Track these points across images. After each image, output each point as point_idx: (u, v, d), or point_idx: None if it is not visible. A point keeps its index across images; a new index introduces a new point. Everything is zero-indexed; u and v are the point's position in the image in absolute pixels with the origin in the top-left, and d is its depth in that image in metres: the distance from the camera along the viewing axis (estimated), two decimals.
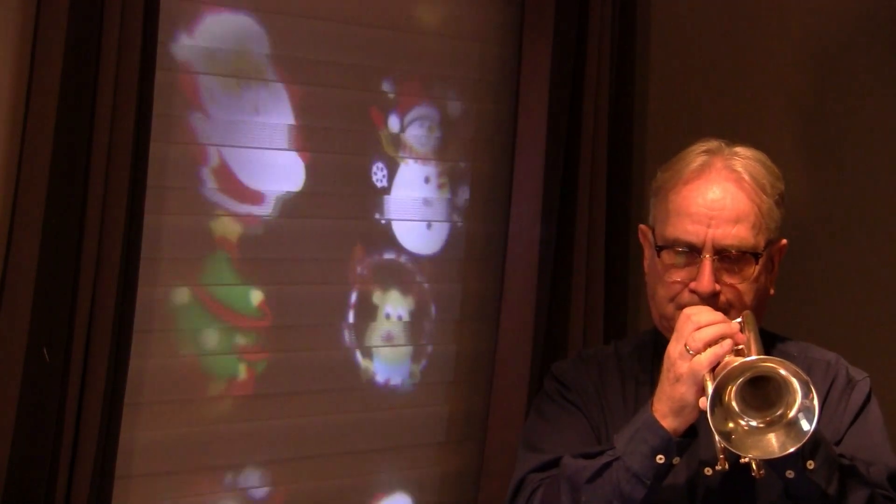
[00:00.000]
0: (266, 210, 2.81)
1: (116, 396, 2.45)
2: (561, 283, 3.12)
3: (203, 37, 2.69)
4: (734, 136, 2.16)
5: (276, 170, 2.83)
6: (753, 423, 1.86)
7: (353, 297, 2.97)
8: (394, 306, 3.04)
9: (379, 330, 3.01)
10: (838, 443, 2.05)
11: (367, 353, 2.99)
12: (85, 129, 2.37)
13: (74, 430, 2.39)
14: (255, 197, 2.80)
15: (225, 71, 2.74)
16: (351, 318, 2.97)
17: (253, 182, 2.79)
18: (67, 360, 2.37)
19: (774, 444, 1.85)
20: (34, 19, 2.33)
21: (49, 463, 2.36)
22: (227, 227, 2.77)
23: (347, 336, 2.96)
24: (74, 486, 2.39)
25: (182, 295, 2.71)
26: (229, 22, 2.73)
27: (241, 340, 2.80)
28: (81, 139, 2.36)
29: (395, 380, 3.04)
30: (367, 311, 2.99)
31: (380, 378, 3.02)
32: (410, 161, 3.05)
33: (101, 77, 2.38)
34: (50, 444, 2.35)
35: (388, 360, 3.03)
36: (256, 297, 2.83)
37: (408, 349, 3.06)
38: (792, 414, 1.85)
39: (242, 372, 2.81)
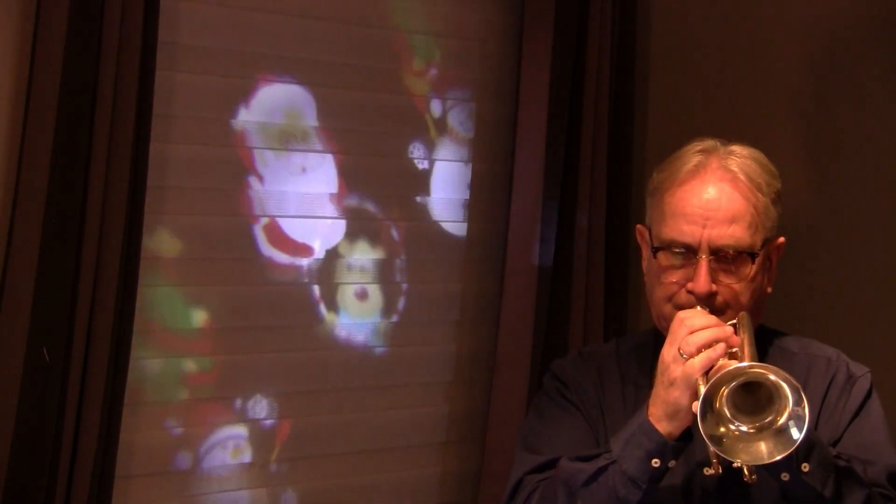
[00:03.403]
0: None
1: (116, 396, 2.45)
2: (561, 284, 3.12)
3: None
4: (734, 135, 2.15)
5: None
6: (744, 429, 1.85)
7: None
8: (394, 306, 3.04)
9: (379, 330, 3.02)
10: (838, 440, 2.04)
11: (367, 354, 2.99)
12: (85, 128, 2.37)
13: (74, 430, 2.39)
14: None
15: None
16: (350, 317, 2.97)
17: None
18: (67, 360, 2.37)
19: (763, 450, 1.83)
20: (34, 19, 2.33)
21: (49, 463, 2.36)
22: None
23: (347, 336, 2.96)
24: (74, 486, 2.40)
25: (182, 295, 2.71)
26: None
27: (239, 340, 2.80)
28: (81, 139, 2.37)
29: (396, 380, 3.04)
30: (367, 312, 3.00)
31: (379, 378, 3.01)
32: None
33: (101, 77, 2.38)
34: (50, 444, 2.36)
35: (387, 360, 3.02)
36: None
37: (408, 349, 3.06)
38: (782, 421, 1.83)
39: (241, 372, 2.81)
